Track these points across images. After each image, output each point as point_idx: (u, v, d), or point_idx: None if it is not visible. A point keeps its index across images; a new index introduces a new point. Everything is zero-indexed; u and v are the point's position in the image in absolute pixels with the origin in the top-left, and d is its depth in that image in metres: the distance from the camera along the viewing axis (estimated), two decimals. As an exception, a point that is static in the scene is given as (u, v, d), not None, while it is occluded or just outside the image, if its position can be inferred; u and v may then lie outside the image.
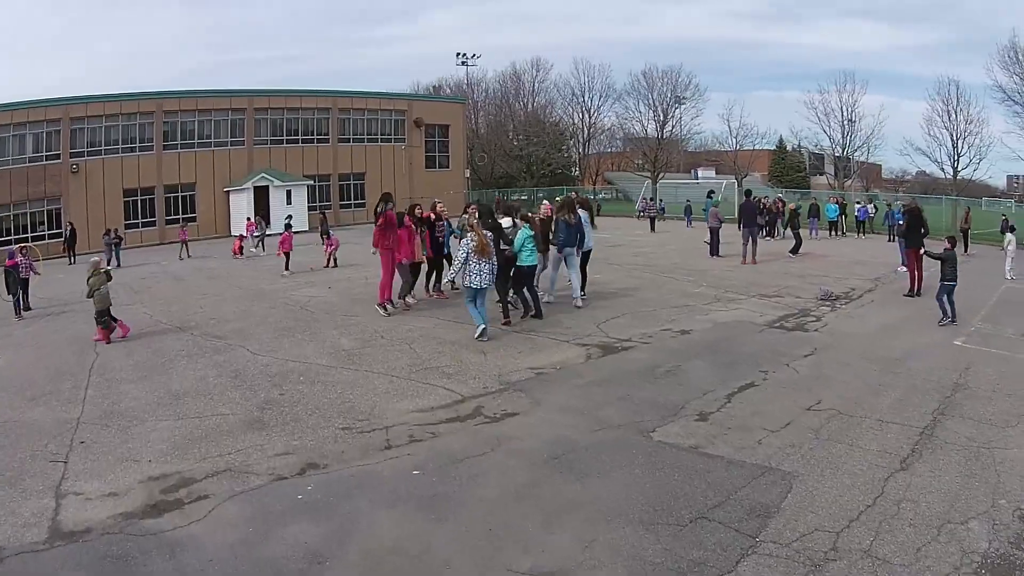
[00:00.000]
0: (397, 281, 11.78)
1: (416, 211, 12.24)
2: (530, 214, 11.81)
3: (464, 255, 9.34)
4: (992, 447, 5.78)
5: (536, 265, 10.90)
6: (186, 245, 25.66)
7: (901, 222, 16.74)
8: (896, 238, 17.90)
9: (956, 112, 35.87)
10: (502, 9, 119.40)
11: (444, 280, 13.19)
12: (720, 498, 4.88)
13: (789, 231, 23.10)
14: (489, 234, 9.67)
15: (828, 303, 12.50)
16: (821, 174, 71.34)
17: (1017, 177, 68.91)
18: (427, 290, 13.14)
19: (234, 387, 7.56)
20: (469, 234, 9.49)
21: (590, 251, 12.59)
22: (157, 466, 5.50)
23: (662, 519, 4.60)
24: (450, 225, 13.57)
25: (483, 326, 9.40)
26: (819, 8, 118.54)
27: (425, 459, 5.60)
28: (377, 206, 11.34)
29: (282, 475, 5.32)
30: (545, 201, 14.62)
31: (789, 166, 72.28)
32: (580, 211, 11.99)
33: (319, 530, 4.55)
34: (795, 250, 20.68)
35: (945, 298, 10.75)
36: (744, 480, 5.17)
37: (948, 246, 11.38)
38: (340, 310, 12.05)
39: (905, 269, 16.52)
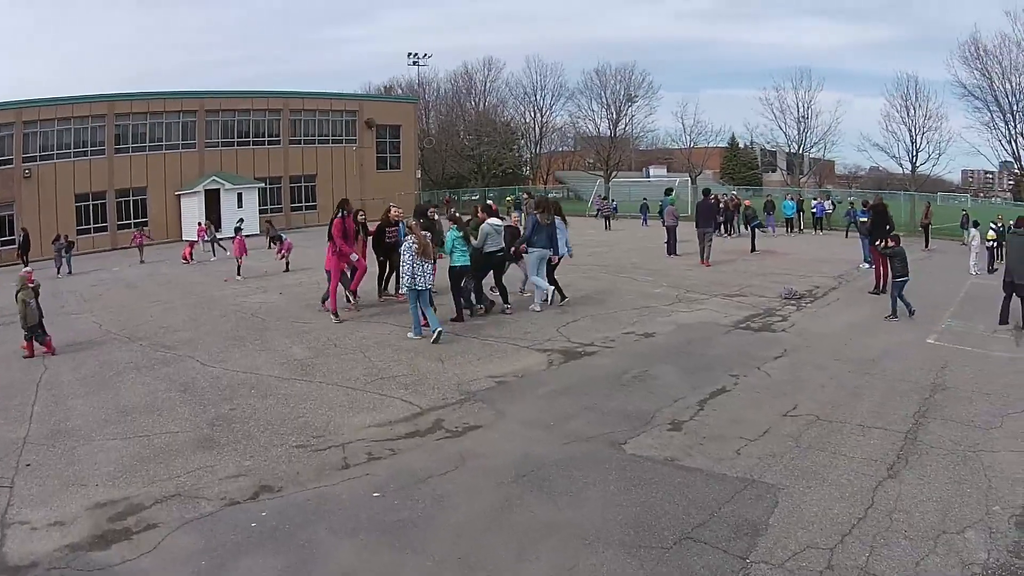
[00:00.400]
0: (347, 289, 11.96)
1: (359, 216, 12.27)
2: (458, 215, 11.99)
3: (410, 259, 9.50)
4: (978, 450, 5.78)
5: (468, 265, 10.92)
6: (142, 249, 26.11)
7: (864, 219, 17.17)
8: (860, 235, 18.30)
9: (915, 108, 37.42)
10: (455, 9, 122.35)
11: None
12: (703, 516, 4.68)
13: (746, 229, 23.50)
14: (428, 234, 9.97)
15: (793, 302, 12.63)
16: (774, 171, 73.56)
17: (972, 172, 72.31)
18: (379, 294, 13.01)
19: (183, 402, 7.39)
20: (409, 237, 9.70)
21: (562, 257, 12.37)
22: (104, 491, 5.29)
23: (644, 541, 4.36)
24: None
25: (436, 331, 9.53)
26: (774, 7, 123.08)
27: (385, 479, 5.37)
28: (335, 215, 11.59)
29: (234, 500, 5.09)
30: (490, 201, 14.55)
31: (741, 163, 74.24)
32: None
33: (276, 563, 4.25)
34: (753, 248, 21.16)
35: (899, 294, 11.14)
36: (727, 495, 4.99)
37: (894, 243, 11.80)
38: (292, 316, 11.99)
39: (868, 266, 17.04)
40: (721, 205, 25.92)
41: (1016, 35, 31.60)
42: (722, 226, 25.20)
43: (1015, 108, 32.02)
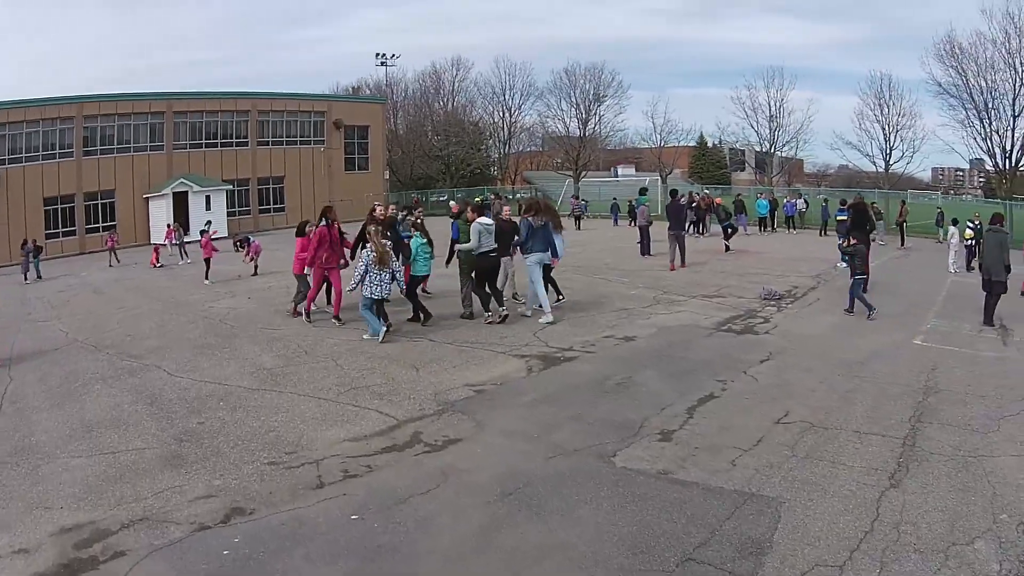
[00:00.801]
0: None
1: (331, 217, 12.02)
2: (419, 220, 12.06)
3: (364, 267, 9.65)
4: (979, 456, 5.79)
5: (429, 274, 11.14)
6: (114, 253, 26.68)
7: (843, 217, 17.43)
8: (838, 234, 18.61)
9: (888, 106, 38.50)
10: (423, 10, 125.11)
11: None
12: (704, 534, 4.55)
13: (719, 228, 23.74)
14: (389, 243, 10.03)
15: (773, 303, 12.71)
16: (742, 170, 75.01)
17: (942, 170, 74.49)
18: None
19: (150, 415, 7.24)
20: (368, 245, 9.83)
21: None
22: (70, 514, 5.11)
23: (644, 564, 4.22)
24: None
25: (383, 329, 9.85)
26: (744, 5, 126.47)
27: (364, 500, 5.18)
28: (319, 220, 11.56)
29: (205, 524, 4.90)
30: (452, 202, 14.43)
31: (710, 162, 75.52)
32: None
33: (251, 596, 4.03)
34: (727, 240, 21.55)
35: (858, 293, 11.59)
36: (726, 510, 4.88)
37: (854, 241, 12.19)
38: (261, 322, 11.91)
39: (845, 265, 17.26)
40: (694, 204, 26.17)
41: (992, 33, 32.62)
42: (694, 226, 25.42)
43: (990, 105, 33.00)
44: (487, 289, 10.94)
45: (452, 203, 13.54)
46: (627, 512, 4.86)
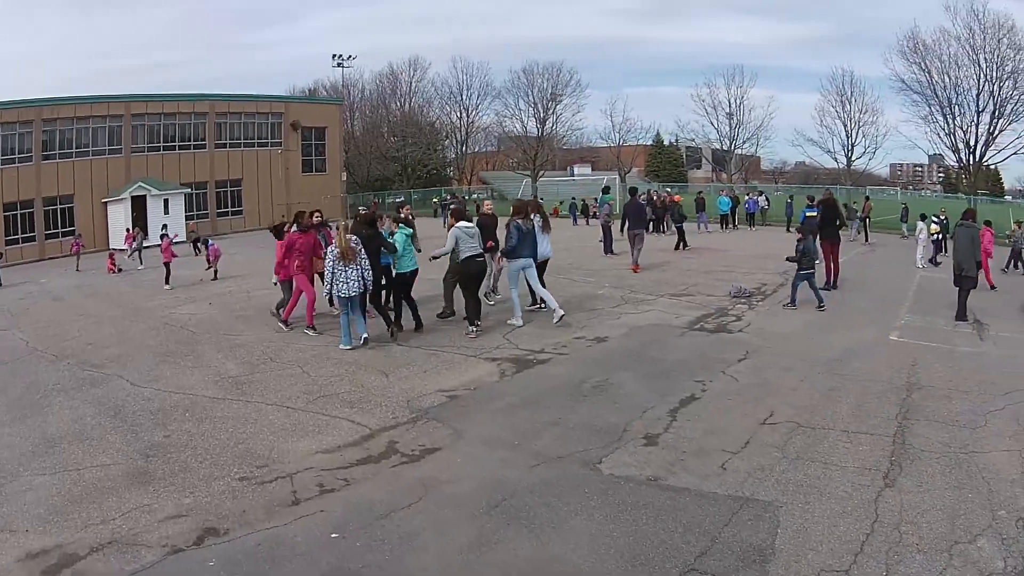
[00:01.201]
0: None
1: (314, 218, 11.82)
2: (406, 215, 11.80)
3: (331, 265, 9.43)
4: (971, 452, 5.88)
5: (417, 270, 10.59)
6: (79, 257, 27.02)
7: (812, 214, 17.82)
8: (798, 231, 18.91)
9: (850, 102, 39.72)
10: (380, 11, 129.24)
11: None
12: (704, 543, 4.49)
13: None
14: (354, 238, 9.64)
15: (743, 300, 12.84)
16: (699, 167, 76.48)
17: (901, 166, 77.08)
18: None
19: (114, 428, 7.08)
20: (334, 241, 9.61)
21: (547, 259, 12.10)
22: (36, 538, 4.94)
23: (645, 577, 4.12)
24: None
25: (361, 337, 9.65)
26: (704, 5, 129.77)
27: (343, 516, 5.02)
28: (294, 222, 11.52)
29: (177, 546, 4.73)
30: (408, 205, 14.26)
31: (666, 161, 76.78)
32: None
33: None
34: (679, 245, 21.64)
35: (803, 284, 12.16)
36: (723, 517, 4.83)
37: (800, 236, 12.65)
38: (223, 328, 11.88)
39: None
40: (654, 201, 26.41)
41: (956, 30, 33.80)
42: (653, 224, 25.65)
43: (953, 101, 34.22)
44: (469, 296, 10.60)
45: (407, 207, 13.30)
46: (621, 522, 4.76)
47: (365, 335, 9.64)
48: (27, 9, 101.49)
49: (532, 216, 11.31)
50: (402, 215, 12.12)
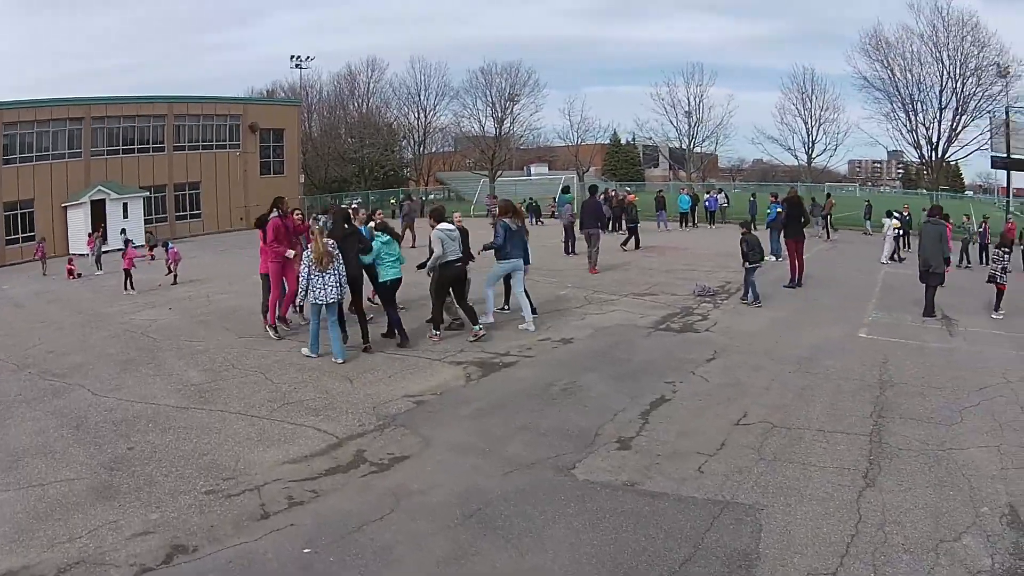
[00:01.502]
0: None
1: (296, 215, 11.43)
2: (382, 219, 11.17)
3: (306, 269, 8.95)
4: (948, 449, 5.95)
5: (400, 279, 10.01)
6: (45, 262, 26.87)
7: (779, 210, 18.10)
8: (770, 229, 19.25)
9: (811, 100, 40.63)
10: (339, 12, 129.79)
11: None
12: (687, 549, 4.41)
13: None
14: (331, 242, 9.14)
15: (708, 299, 12.92)
16: (656, 166, 77.53)
17: (859, 162, 79.18)
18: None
19: (77, 441, 6.92)
20: (310, 244, 9.15)
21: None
22: (2, 558, 4.83)
23: (629, 589, 4.02)
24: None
25: (337, 360, 9.07)
26: (663, 4, 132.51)
27: (314, 530, 4.88)
28: (268, 213, 11.15)
29: (146, 565, 4.60)
30: (380, 211, 13.98)
31: (623, 159, 77.69)
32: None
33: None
34: (627, 243, 21.70)
35: (753, 279, 12.61)
36: (704, 521, 4.77)
37: (744, 230, 13.30)
38: (184, 334, 11.71)
39: (775, 259, 17.89)
40: (612, 199, 26.53)
41: (920, 27, 34.73)
42: (611, 223, 25.74)
43: (916, 98, 35.14)
44: (454, 301, 10.37)
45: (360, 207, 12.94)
46: (600, 530, 4.66)
47: (342, 359, 9.05)
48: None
49: (522, 215, 11.18)
50: (376, 220, 11.30)
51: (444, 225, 10.20)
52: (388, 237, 10.05)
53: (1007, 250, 12.07)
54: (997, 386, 7.63)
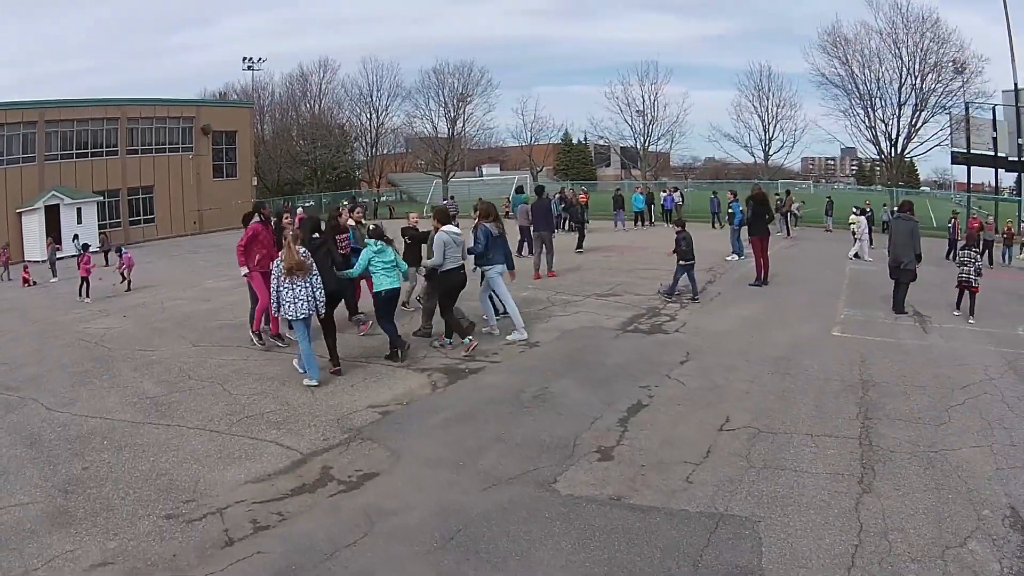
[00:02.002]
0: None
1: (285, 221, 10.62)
2: (373, 226, 10.10)
3: (275, 280, 8.27)
4: (940, 451, 5.93)
5: (398, 288, 9.35)
6: (7, 268, 26.92)
7: (737, 209, 18.23)
8: (731, 226, 19.40)
9: (768, 97, 41.32)
10: (291, 13, 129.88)
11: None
12: (686, 568, 4.24)
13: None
14: (303, 250, 8.40)
15: (674, 299, 12.84)
16: (608, 165, 78.35)
17: (812, 159, 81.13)
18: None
19: (31, 461, 6.68)
20: (281, 253, 8.41)
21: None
22: None
23: (630, 614, 3.81)
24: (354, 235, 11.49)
25: (314, 380, 8.32)
26: (617, 4, 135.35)
27: (283, 558, 4.62)
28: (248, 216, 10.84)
29: None
30: (299, 209, 13.59)
31: (575, 159, 78.41)
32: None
33: None
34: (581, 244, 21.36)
35: (684, 276, 13.01)
36: (701, 537, 4.59)
37: (679, 228, 13.54)
38: (139, 343, 11.59)
39: (737, 257, 18.01)
40: (568, 199, 26.48)
41: (879, 24, 35.49)
42: (566, 223, 25.71)
43: (874, 95, 35.90)
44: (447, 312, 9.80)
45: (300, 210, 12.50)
46: (592, 549, 4.46)
47: (315, 382, 8.25)
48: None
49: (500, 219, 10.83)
50: (372, 227, 10.13)
51: (449, 228, 9.68)
52: (381, 245, 9.24)
53: (977, 249, 11.76)
54: (980, 383, 7.69)
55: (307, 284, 8.26)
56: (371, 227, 9.85)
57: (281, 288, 8.22)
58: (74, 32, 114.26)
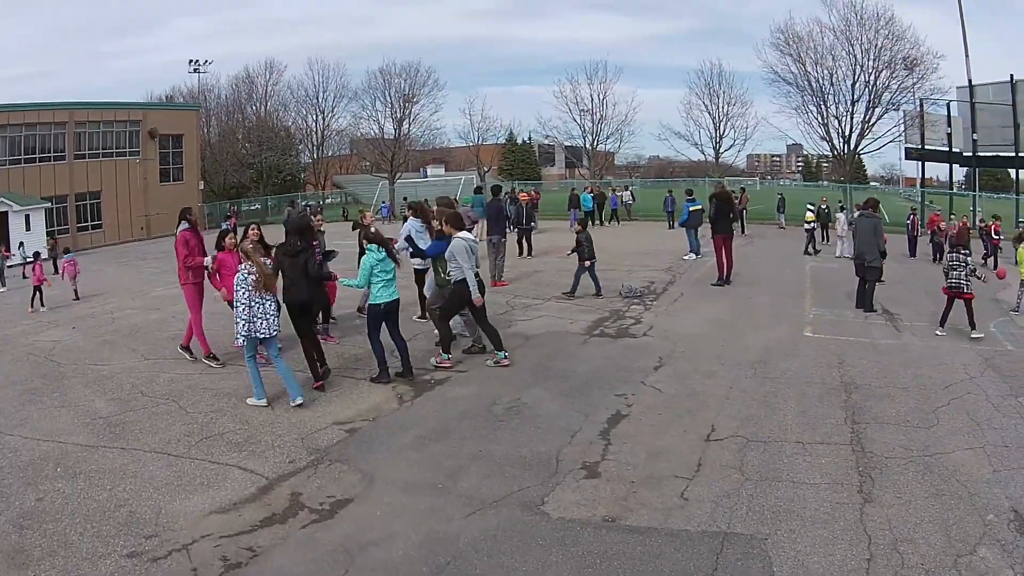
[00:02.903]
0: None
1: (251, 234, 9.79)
2: (373, 229, 9.40)
3: (245, 296, 7.58)
4: (934, 454, 5.93)
5: (396, 300, 8.61)
6: None
7: (698, 207, 18.33)
8: (686, 227, 19.48)
9: (719, 95, 41.92)
10: (237, 14, 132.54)
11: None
12: (698, 594, 4.04)
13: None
14: (268, 262, 8.03)
15: (636, 301, 12.81)
16: (552, 164, 78.96)
17: (758, 156, 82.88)
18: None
19: None
20: (244, 265, 7.76)
21: None
22: None
23: (647, 651, 3.61)
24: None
25: (299, 399, 7.74)
26: (563, 4, 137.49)
27: None
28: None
29: None
30: (368, 212, 13.25)
31: (519, 159, 78.85)
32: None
33: None
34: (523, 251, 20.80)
35: (586, 274, 13.59)
36: (708, 559, 4.43)
37: (579, 228, 14.17)
38: (89, 356, 11.18)
39: (694, 256, 18.11)
40: (517, 198, 26.36)
41: (832, 22, 36.16)
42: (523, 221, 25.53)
43: (827, 91, 36.61)
44: (474, 319, 9.40)
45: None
46: (594, 579, 4.23)
47: (300, 399, 7.72)
48: None
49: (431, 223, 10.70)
50: (372, 230, 9.26)
51: (465, 234, 9.14)
52: (384, 252, 8.48)
53: (965, 251, 10.26)
54: (962, 383, 7.77)
55: (273, 297, 7.78)
56: (371, 230, 9.09)
57: (253, 304, 7.60)
58: (18, 37, 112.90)
